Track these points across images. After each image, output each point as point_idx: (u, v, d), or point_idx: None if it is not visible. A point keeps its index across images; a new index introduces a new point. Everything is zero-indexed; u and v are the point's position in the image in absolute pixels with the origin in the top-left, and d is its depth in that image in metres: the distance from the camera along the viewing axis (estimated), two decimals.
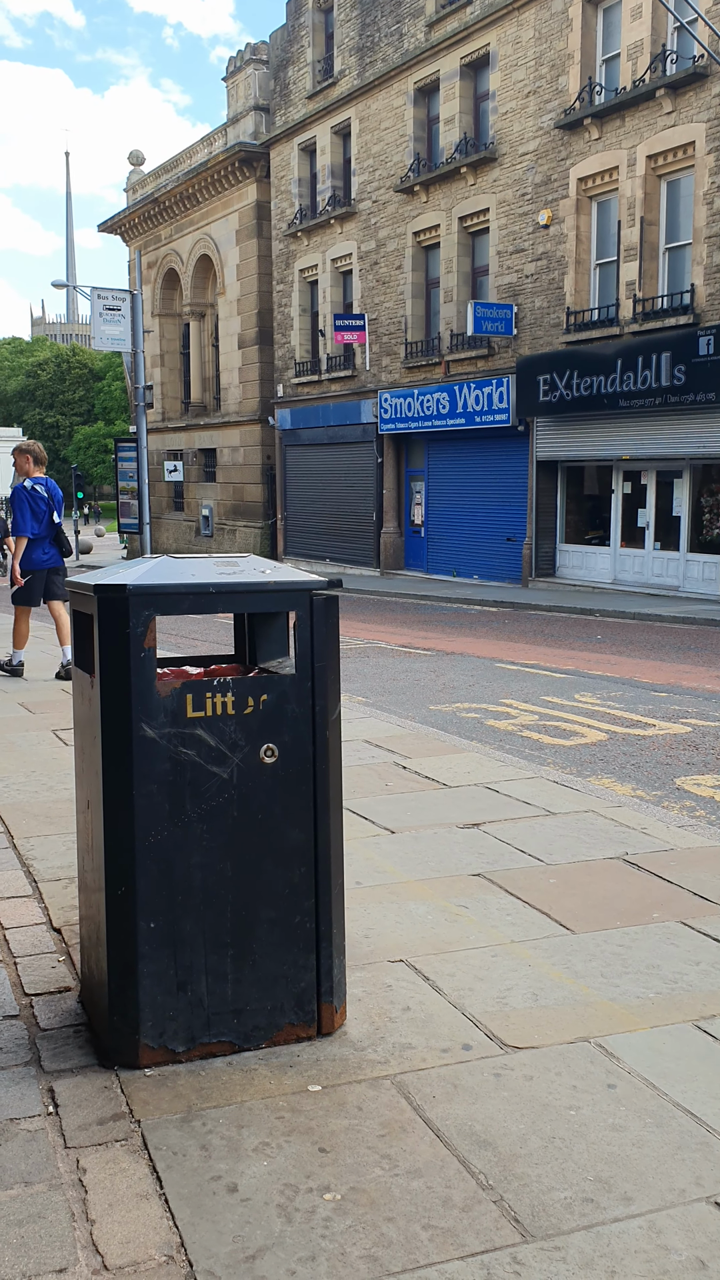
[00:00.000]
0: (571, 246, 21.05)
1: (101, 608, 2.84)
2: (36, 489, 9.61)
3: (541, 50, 21.36)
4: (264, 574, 3.03)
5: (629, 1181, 2.43)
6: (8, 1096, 2.76)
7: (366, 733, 7.18)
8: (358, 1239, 2.24)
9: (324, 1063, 2.93)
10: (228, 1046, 2.95)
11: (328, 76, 28.63)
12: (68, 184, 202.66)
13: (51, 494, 9.71)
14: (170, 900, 2.86)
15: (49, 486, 9.74)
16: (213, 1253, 2.20)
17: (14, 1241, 2.23)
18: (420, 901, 4.11)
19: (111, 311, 21.92)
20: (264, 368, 32.13)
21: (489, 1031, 3.11)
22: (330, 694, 3.03)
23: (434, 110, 25.11)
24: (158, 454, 37.55)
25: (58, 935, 3.83)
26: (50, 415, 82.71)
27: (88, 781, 3.09)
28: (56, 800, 5.57)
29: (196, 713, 2.86)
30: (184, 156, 35.72)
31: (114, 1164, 2.49)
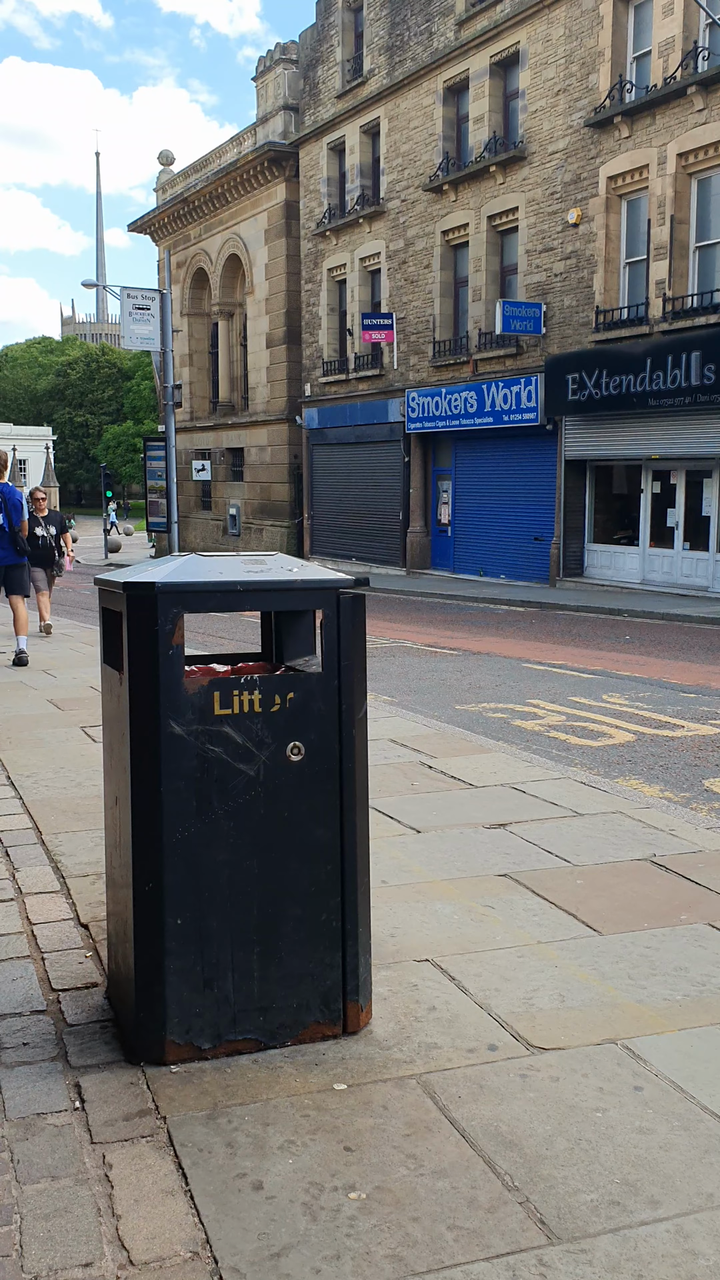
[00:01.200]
0: (601, 245, 20.95)
1: (130, 605, 2.85)
2: None
3: (572, 48, 21.27)
4: (291, 572, 3.04)
5: (656, 1185, 2.41)
6: (35, 1091, 2.78)
7: (392, 732, 7.18)
8: (383, 1238, 2.23)
9: (349, 1061, 2.93)
10: (253, 1044, 2.96)
11: (357, 76, 28.63)
12: (98, 184, 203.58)
13: (8, 499, 10.36)
14: (197, 897, 2.87)
15: (5, 492, 10.38)
16: (238, 1250, 2.20)
17: (41, 1235, 2.24)
18: (446, 901, 4.10)
19: (141, 311, 22.02)
20: (291, 367, 32.18)
21: (515, 1032, 3.09)
22: (356, 692, 3.02)
23: (463, 109, 25.06)
24: (186, 453, 37.68)
25: (85, 931, 3.84)
26: (80, 414, 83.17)
27: (116, 778, 3.10)
28: (84, 796, 5.59)
29: (224, 710, 2.86)
30: (213, 156, 35.82)
31: (140, 1160, 2.49)
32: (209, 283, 36.72)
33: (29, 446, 71.31)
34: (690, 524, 20.44)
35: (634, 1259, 2.18)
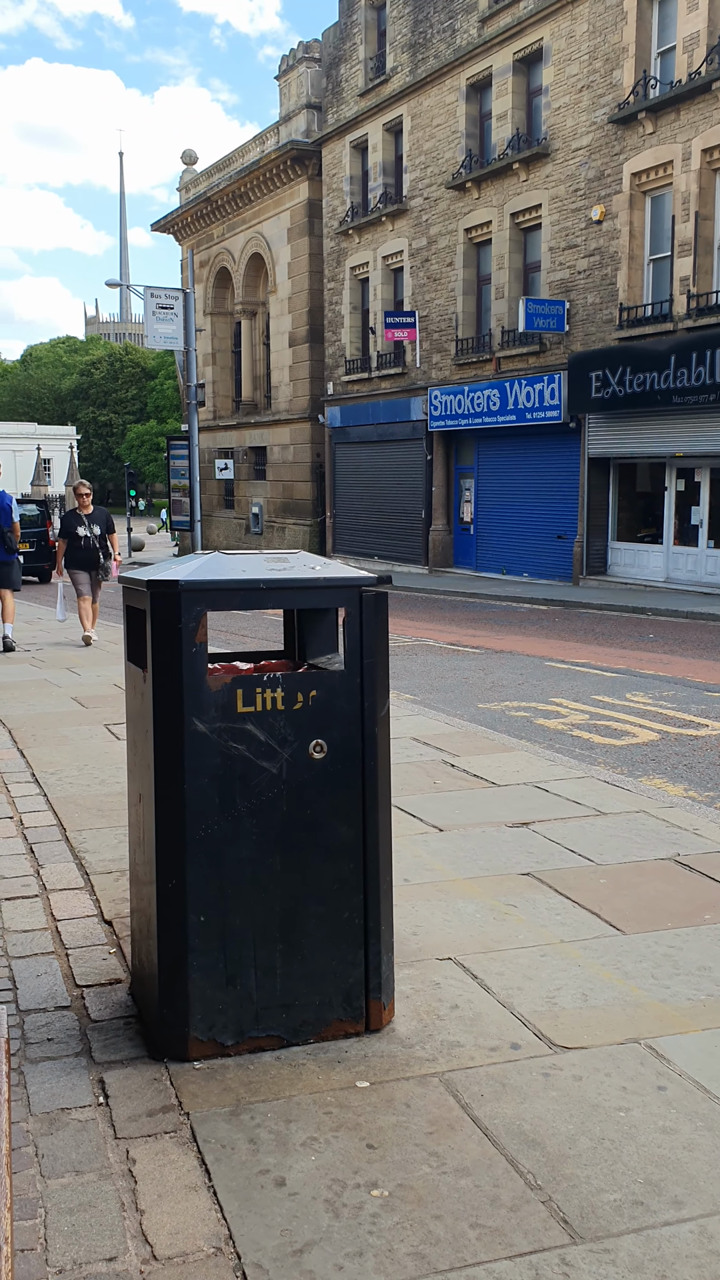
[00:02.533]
0: (625, 242, 20.85)
1: (154, 603, 2.86)
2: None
3: (595, 44, 21.17)
4: (314, 570, 3.04)
5: (680, 1185, 2.40)
6: (59, 1086, 2.79)
7: (415, 730, 7.17)
8: (405, 1236, 2.23)
9: (372, 1059, 2.93)
10: (276, 1041, 2.97)
11: (380, 74, 28.60)
12: (121, 184, 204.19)
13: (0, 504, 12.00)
14: (220, 894, 2.88)
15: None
16: (261, 1246, 2.21)
17: (65, 1229, 2.25)
18: (469, 900, 4.10)
19: (164, 310, 22.07)
20: (314, 366, 32.20)
21: (538, 1031, 3.09)
22: (379, 690, 3.02)
23: (486, 106, 24.99)
24: (209, 452, 37.77)
25: (109, 927, 3.86)
26: (104, 413, 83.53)
27: (139, 775, 3.12)
28: (108, 794, 5.62)
29: (246, 708, 2.87)
30: (236, 155, 35.89)
31: (163, 1155, 2.51)
32: (232, 282, 36.79)
33: (53, 446, 71.67)
34: (715, 522, 20.32)
35: (657, 1259, 2.17)
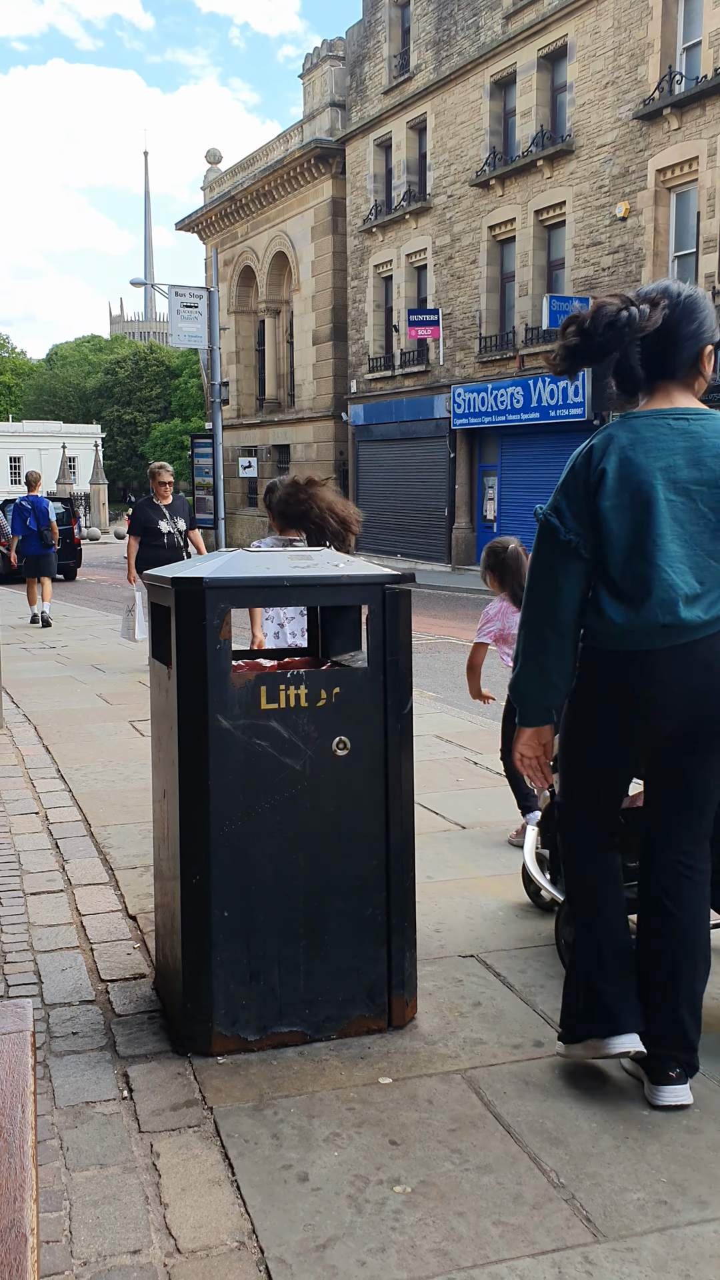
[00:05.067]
0: (649, 239, 20.75)
1: (179, 600, 2.87)
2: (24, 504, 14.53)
3: (620, 40, 21.08)
4: (337, 568, 3.04)
5: (704, 1185, 2.39)
6: (84, 1080, 2.81)
7: (437, 728, 7.17)
8: (428, 1232, 2.24)
9: (395, 1055, 2.93)
10: (299, 1036, 2.97)
11: (404, 71, 28.57)
12: (146, 183, 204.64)
13: (36, 506, 14.42)
14: (244, 890, 2.89)
15: (35, 501, 14.54)
16: (284, 1240, 2.21)
17: (90, 1221, 2.27)
18: (492, 897, 4.10)
19: (188, 309, 22.13)
20: (338, 364, 32.21)
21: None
22: (402, 688, 3.03)
23: (510, 103, 24.91)
24: (232, 450, 37.87)
25: (133, 922, 3.88)
26: (128, 412, 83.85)
27: (164, 771, 3.13)
28: (132, 790, 5.65)
29: (270, 705, 2.88)
30: (260, 154, 35.94)
31: (187, 1149, 2.52)
32: (256, 280, 36.85)
33: (78, 444, 71.99)
34: None
35: (681, 1258, 2.16)
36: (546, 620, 2.62)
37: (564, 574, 2.59)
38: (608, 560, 2.56)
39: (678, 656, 2.54)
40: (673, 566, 2.50)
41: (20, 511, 14.47)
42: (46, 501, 14.82)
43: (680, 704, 2.56)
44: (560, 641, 2.62)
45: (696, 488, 2.51)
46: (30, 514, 14.37)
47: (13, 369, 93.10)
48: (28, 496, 14.71)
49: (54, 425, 77.30)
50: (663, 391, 2.63)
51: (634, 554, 2.52)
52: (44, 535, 14.32)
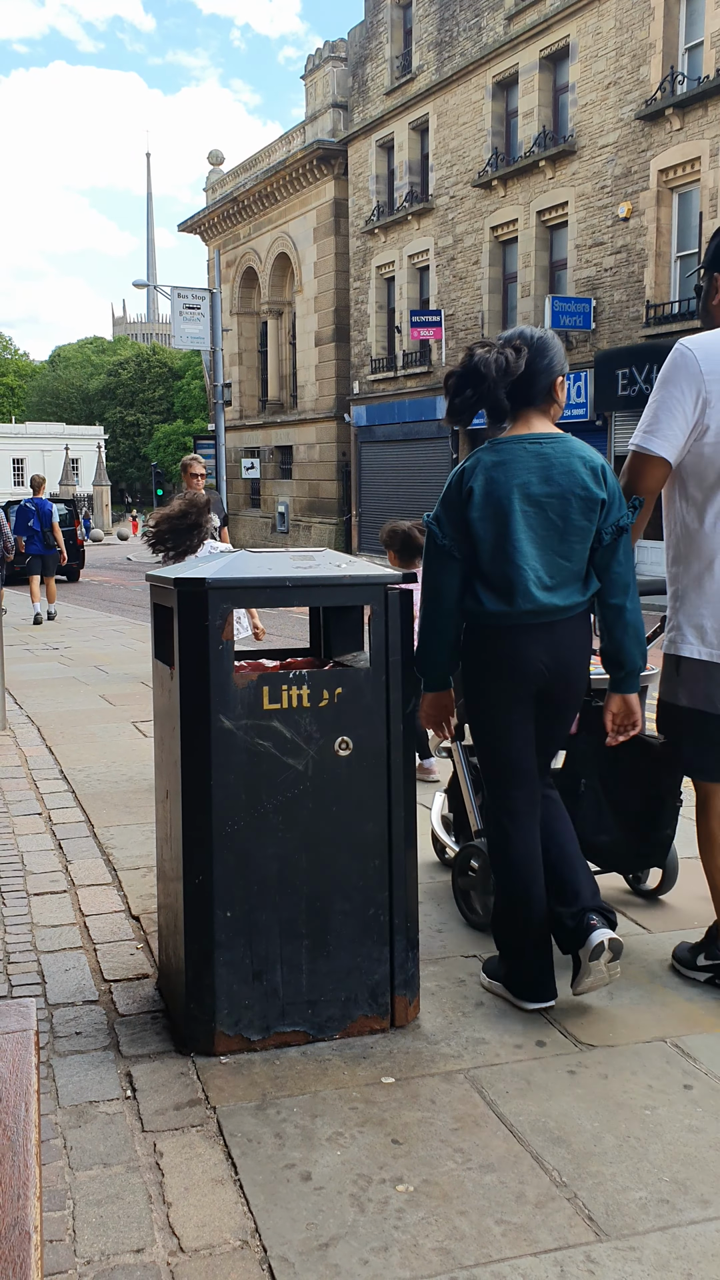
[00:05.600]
0: (652, 239, 20.75)
1: (181, 601, 2.88)
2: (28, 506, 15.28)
3: (622, 40, 21.08)
4: (339, 568, 3.05)
5: (706, 1184, 2.40)
6: (87, 1080, 2.82)
7: None
8: (430, 1231, 2.24)
9: (397, 1055, 2.94)
10: (302, 1036, 2.98)
11: (406, 72, 28.59)
12: (148, 184, 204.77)
13: (40, 509, 15.17)
14: (246, 890, 2.89)
15: (39, 504, 15.28)
16: (286, 1239, 2.22)
17: (93, 1220, 2.27)
18: None
19: (191, 310, 22.17)
20: (340, 365, 32.23)
21: (564, 1028, 3.09)
22: (405, 688, 3.03)
23: (512, 104, 24.93)
24: (235, 451, 37.89)
25: (136, 923, 3.89)
26: (131, 413, 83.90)
27: (166, 772, 3.14)
28: (135, 790, 5.66)
29: (273, 705, 2.88)
30: (262, 155, 35.97)
31: (190, 1149, 2.52)
32: (258, 281, 36.88)
33: (81, 445, 72.07)
34: None
35: (683, 1257, 2.17)
36: (434, 606, 3.15)
37: (443, 571, 3.12)
38: (479, 559, 3.08)
39: (540, 633, 3.06)
40: (528, 564, 3.02)
41: (24, 513, 15.18)
42: (50, 504, 15.60)
43: (541, 671, 3.08)
44: (444, 622, 3.15)
45: (547, 500, 3.02)
46: (34, 515, 15.09)
47: (15, 370, 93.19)
48: (32, 499, 15.49)
49: (57, 427, 77.41)
50: (523, 419, 3.13)
51: (498, 554, 3.04)
52: (46, 537, 15.09)
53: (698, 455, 3.08)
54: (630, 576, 3.11)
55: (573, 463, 3.03)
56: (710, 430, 3.03)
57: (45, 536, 15.08)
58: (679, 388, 3.04)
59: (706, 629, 3.11)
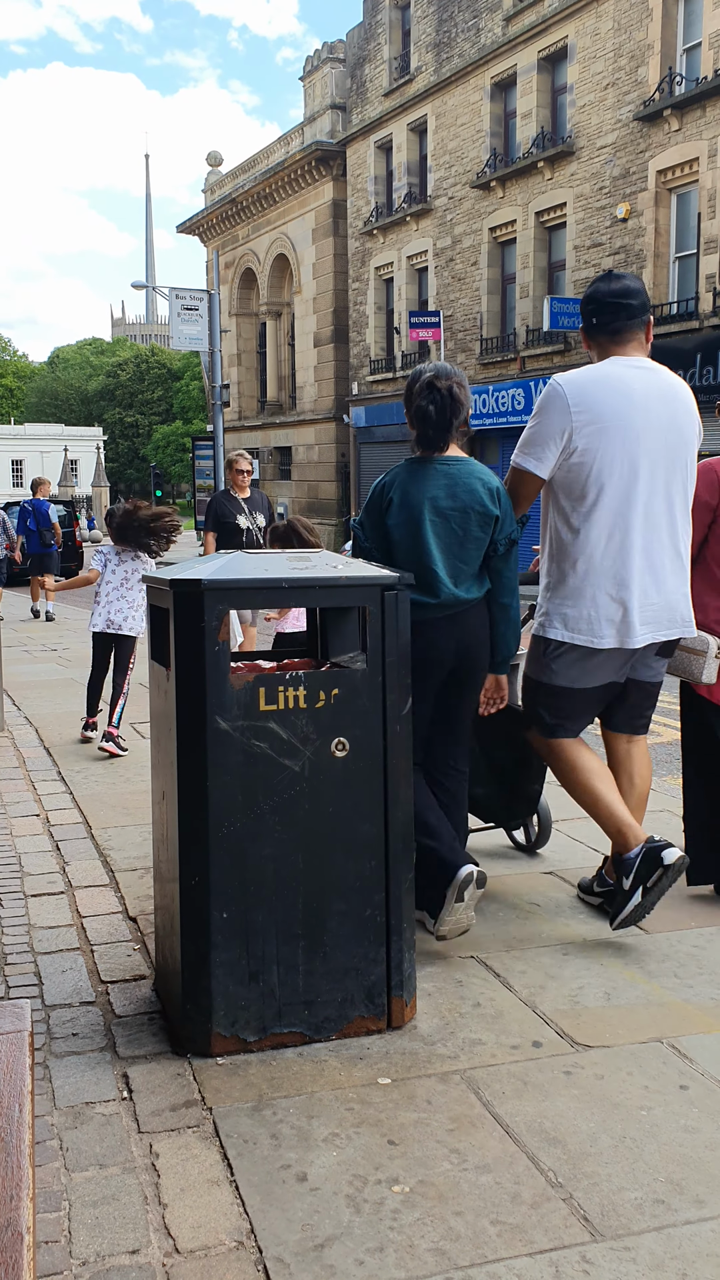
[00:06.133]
0: (650, 240, 20.76)
1: (177, 602, 2.88)
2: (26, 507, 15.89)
3: (620, 41, 21.09)
4: (336, 569, 3.05)
5: (702, 1184, 2.40)
6: (84, 1081, 2.82)
7: None
8: (426, 1232, 2.24)
9: (394, 1056, 2.94)
10: (298, 1037, 2.98)
11: (404, 73, 28.60)
12: (147, 186, 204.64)
13: (37, 509, 15.69)
14: (243, 891, 2.90)
15: (36, 504, 15.78)
16: (282, 1240, 2.22)
17: (89, 1222, 2.27)
18: (491, 898, 4.10)
19: (189, 311, 22.15)
20: (339, 366, 32.24)
21: (560, 1029, 3.09)
22: (401, 689, 3.03)
23: (511, 105, 24.94)
24: (234, 452, 37.87)
25: (133, 924, 3.89)
26: (130, 415, 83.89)
27: (163, 773, 3.14)
28: (133, 792, 5.66)
29: (269, 706, 2.89)
30: (261, 157, 35.98)
31: (186, 1150, 2.53)
32: (257, 283, 36.89)
33: (80, 447, 72.07)
34: None
35: (678, 1257, 2.17)
36: None
37: None
38: (397, 560, 3.58)
39: (446, 624, 3.58)
40: (437, 565, 3.54)
41: (23, 514, 15.89)
42: (47, 504, 16.22)
43: (449, 656, 3.60)
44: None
45: (450, 512, 3.56)
46: (31, 516, 15.69)
47: (14, 372, 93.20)
48: (30, 500, 16.11)
49: (56, 428, 77.42)
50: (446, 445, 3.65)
51: (412, 556, 3.55)
52: (44, 535, 15.74)
53: (565, 473, 3.58)
54: (515, 580, 3.72)
55: (473, 483, 3.57)
56: (575, 453, 3.53)
57: (42, 536, 15.67)
58: (551, 419, 3.55)
59: (568, 616, 3.63)
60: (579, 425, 3.50)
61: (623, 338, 3.64)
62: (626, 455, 3.50)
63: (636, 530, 3.53)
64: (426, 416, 3.56)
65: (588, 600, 3.58)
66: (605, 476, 3.51)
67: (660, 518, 3.56)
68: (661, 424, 3.53)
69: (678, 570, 3.62)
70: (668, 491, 3.57)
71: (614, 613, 3.55)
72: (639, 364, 3.61)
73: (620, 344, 3.64)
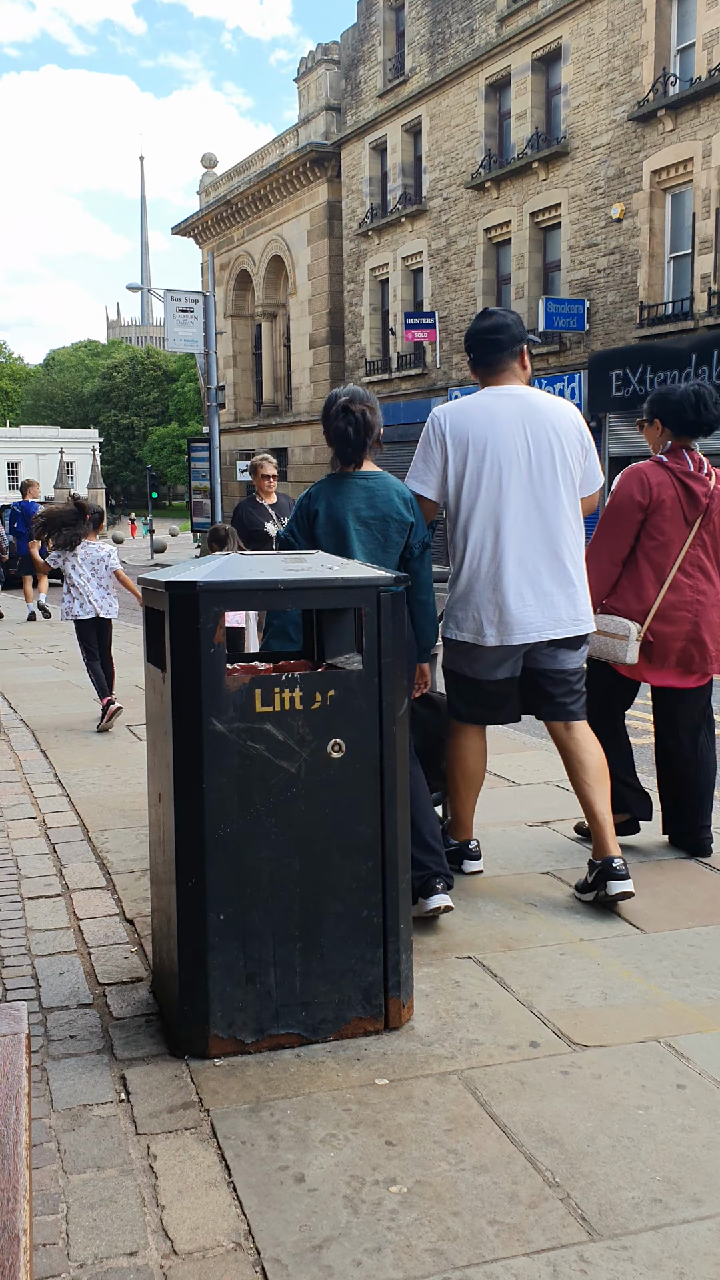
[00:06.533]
0: (645, 240, 20.78)
1: (173, 604, 2.88)
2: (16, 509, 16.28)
3: (614, 41, 21.12)
4: (331, 570, 3.05)
5: (699, 1183, 2.40)
6: (81, 1083, 2.82)
7: None
8: (424, 1232, 2.24)
9: (391, 1056, 2.94)
10: (295, 1038, 2.98)
11: (399, 74, 28.62)
12: (142, 188, 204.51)
13: (25, 511, 15.78)
14: (239, 893, 2.90)
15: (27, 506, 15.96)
16: (280, 1241, 2.22)
17: (86, 1224, 2.28)
18: (488, 898, 4.10)
19: (184, 313, 22.15)
20: (335, 367, 32.25)
21: (557, 1029, 3.09)
22: (397, 690, 3.03)
23: (505, 105, 24.96)
24: (230, 454, 37.87)
25: (130, 926, 3.89)
26: (125, 417, 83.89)
27: (159, 775, 3.14)
28: (130, 794, 5.66)
29: (265, 708, 2.89)
30: (256, 158, 35.99)
31: (183, 1151, 2.53)
32: (252, 284, 36.90)
33: (76, 449, 72.07)
34: None
35: (676, 1256, 2.17)
36: None
37: None
38: None
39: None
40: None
41: (13, 516, 16.30)
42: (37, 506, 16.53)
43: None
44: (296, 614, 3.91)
45: (372, 521, 3.89)
46: (20, 518, 15.94)
47: (10, 374, 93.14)
48: (20, 502, 16.40)
49: (51, 430, 77.39)
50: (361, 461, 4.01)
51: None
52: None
53: (446, 494, 4.06)
54: (430, 579, 4.03)
55: (390, 494, 3.93)
56: (450, 476, 4.00)
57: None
58: (430, 447, 4.06)
59: (458, 618, 4.05)
60: (453, 452, 3.99)
61: (496, 369, 4.07)
62: (493, 475, 3.94)
63: (509, 540, 3.94)
64: (344, 437, 3.93)
65: (472, 604, 4.01)
66: (476, 494, 3.97)
67: (534, 528, 3.95)
68: (526, 445, 3.94)
69: (556, 573, 3.97)
70: (540, 504, 3.95)
71: (492, 614, 3.97)
72: (508, 392, 4.03)
73: (495, 375, 4.08)
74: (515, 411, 3.97)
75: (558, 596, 3.96)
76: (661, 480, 4.38)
